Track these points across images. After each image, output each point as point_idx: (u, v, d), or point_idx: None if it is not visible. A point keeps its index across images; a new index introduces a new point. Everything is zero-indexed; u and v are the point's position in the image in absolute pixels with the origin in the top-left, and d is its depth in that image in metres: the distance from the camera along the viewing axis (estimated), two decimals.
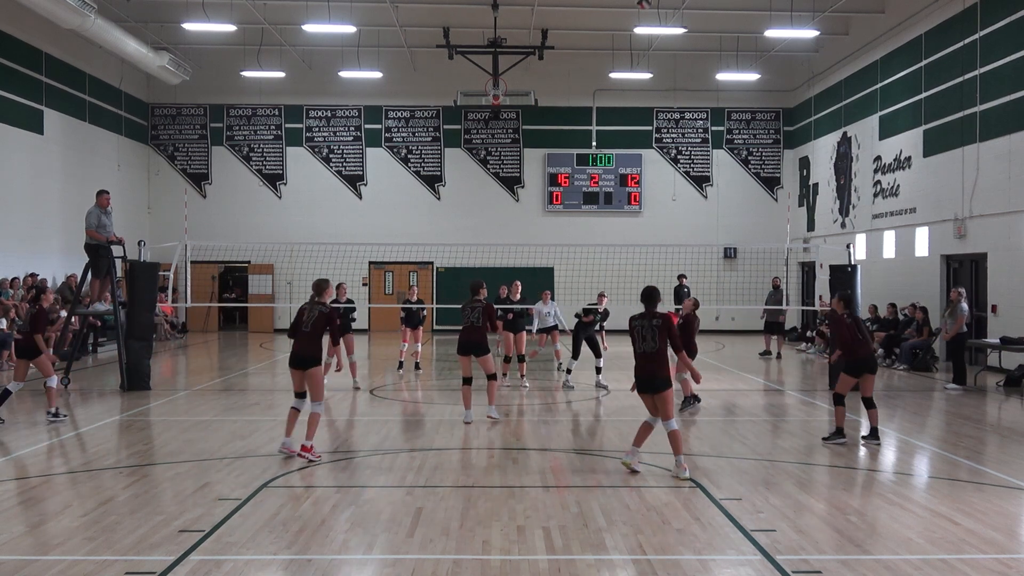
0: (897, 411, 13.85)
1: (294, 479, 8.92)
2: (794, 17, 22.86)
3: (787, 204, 30.48)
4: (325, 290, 10.09)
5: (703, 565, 6.38)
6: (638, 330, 9.09)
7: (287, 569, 6.27)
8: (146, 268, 16.01)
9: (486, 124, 30.97)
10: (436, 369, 19.97)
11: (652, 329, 9.00)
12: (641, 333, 9.07)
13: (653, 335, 8.99)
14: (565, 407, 14.02)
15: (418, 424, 12.35)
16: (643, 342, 9.06)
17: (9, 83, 22.06)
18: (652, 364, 8.99)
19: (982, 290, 19.44)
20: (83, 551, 6.58)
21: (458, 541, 6.87)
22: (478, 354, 12.14)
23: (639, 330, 9.09)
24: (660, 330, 8.98)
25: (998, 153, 18.58)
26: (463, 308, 12.40)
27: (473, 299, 12.40)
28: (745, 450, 10.50)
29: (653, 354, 8.99)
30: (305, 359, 9.79)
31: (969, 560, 6.52)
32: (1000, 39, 18.62)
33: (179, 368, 20.35)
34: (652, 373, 8.99)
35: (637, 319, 9.14)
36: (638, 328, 9.09)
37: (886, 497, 8.35)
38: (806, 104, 29.94)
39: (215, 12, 23.18)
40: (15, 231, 22.30)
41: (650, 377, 9.01)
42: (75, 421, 12.53)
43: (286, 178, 30.89)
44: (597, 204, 30.82)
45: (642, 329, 9.07)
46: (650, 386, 9.03)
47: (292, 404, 10.06)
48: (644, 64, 28.57)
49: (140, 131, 30.10)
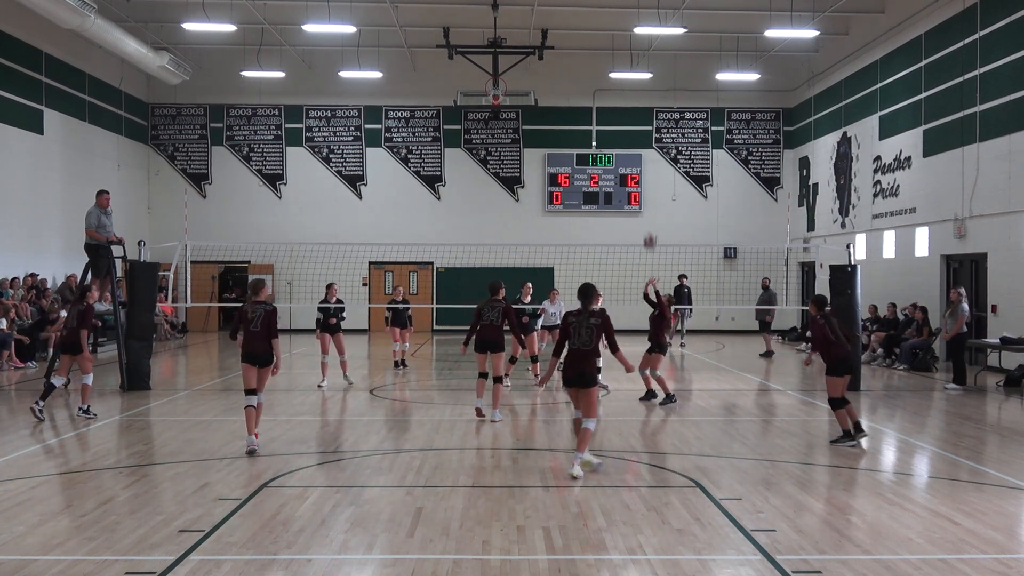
0: (897, 411, 13.86)
1: (294, 479, 8.92)
2: (794, 17, 22.86)
3: (787, 204, 30.50)
4: (261, 289, 10.49)
5: (703, 565, 6.38)
6: (574, 326, 9.26)
7: (287, 569, 6.27)
8: (146, 268, 16.01)
9: (486, 124, 30.97)
10: (436, 369, 19.97)
11: (589, 327, 9.18)
12: (576, 330, 9.23)
13: (589, 333, 9.17)
14: (565, 407, 14.01)
15: (418, 424, 12.35)
16: (577, 338, 9.21)
17: (9, 83, 22.06)
18: (583, 361, 9.16)
19: (982, 290, 19.44)
20: (83, 551, 6.58)
21: (458, 541, 6.87)
22: (494, 351, 12.46)
23: (575, 327, 9.26)
24: (597, 328, 9.19)
25: (998, 153, 18.58)
26: (482, 308, 12.56)
27: (492, 299, 12.58)
28: (745, 450, 10.50)
29: (586, 351, 9.17)
30: (259, 356, 10.15)
31: (969, 560, 6.52)
32: (1000, 39, 18.61)
33: (179, 368, 20.35)
34: (581, 370, 9.16)
35: (574, 315, 9.33)
36: (574, 325, 9.26)
37: (886, 497, 8.35)
38: (806, 104, 29.95)
39: (215, 12, 23.18)
40: (15, 231, 22.30)
41: (579, 373, 9.17)
42: (75, 421, 12.54)
43: (286, 178, 30.90)
44: (597, 204, 30.82)
45: (578, 326, 9.23)
46: (579, 381, 9.18)
47: (247, 403, 10.23)
48: (644, 64, 28.56)
49: (140, 131, 30.10)
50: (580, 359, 9.17)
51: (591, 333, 9.15)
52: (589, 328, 9.16)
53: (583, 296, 9.37)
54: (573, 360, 9.20)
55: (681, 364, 20.78)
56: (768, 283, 24.14)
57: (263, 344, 10.17)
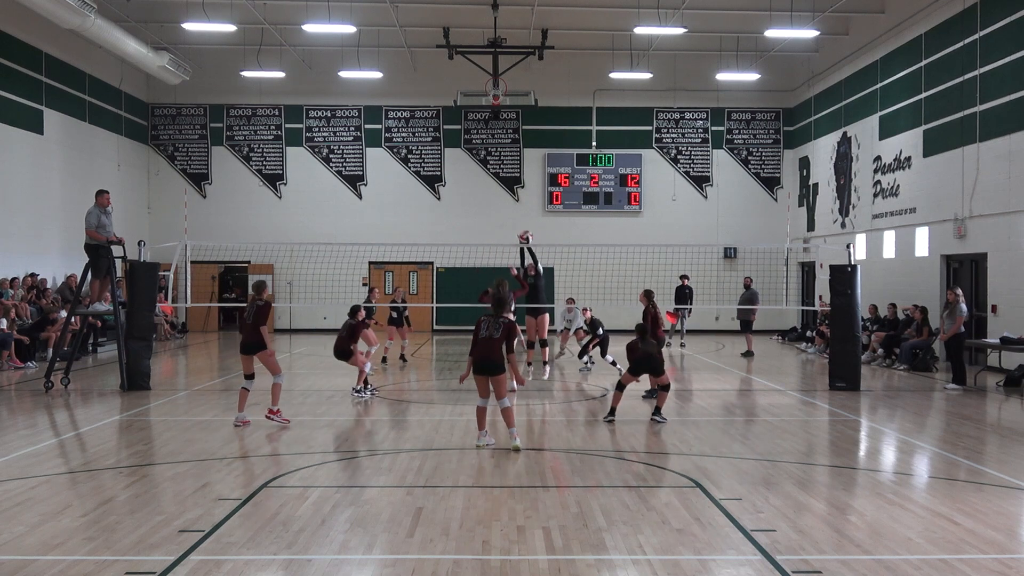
0: (897, 411, 13.86)
1: (294, 479, 8.92)
2: (794, 17, 22.86)
3: (787, 204, 30.51)
4: (263, 290, 12.08)
5: (703, 565, 6.38)
6: (485, 323, 10.46)
7: (287, 569, 6.27)
8: (146, 268, 16.01)
9: (486, 124, 30.97)
10: (436, 369, 19.97)
11: (498, 325, 10.44)
12: (487, 324, 10.45)
13: (497, 328, 10.39)
14: (565, 407, 14.01)
15: (418, 424, 12.34)
16: (487, 330, 10.41)
17: (9, 83, 22.06)
18: (490, 350, 10.32)
19: (982, 290, 19.44)
20: (83, 551, 6.58)
21: (458, 541, 6.87)
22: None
23: (485, 323, 10.46)
24: (503, 328, 10.41)
25: (998, 153, 18.58)
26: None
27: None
28: (745, 450, 10.50)
29: (493, 341, 10.32)
30: (249, 345, 11.79)
31: (969, 560, 6.52)
32: (1000, 39, 18.62)
33: (179, 368, 20.35)
34: (490, 358, 10.32)
35: (486, 317, 10.57)
36: (485, 322, 10.48)
37: (886, 497, 8.35)
38: (806, 104, 29.95)
39: (215, 12, 23.18)
40: (15, 231, 22.30)
41: (487, 360, 10.32)
42: (75, 421, 12.53)
43: (286, 178, 30.90)
44: (597, 204, 30.82)
45: (488, 323, 10.46)
46: (488, 369, 10.32)
47: (243, 385, 11.99)
48: (644, 64, 28.57)
49: (140, 131, 30.10)
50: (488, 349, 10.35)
51: (499, 329, 10.38)
52: (498, 326, 10.40)
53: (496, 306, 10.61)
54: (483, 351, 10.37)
55: (681, 364, 20.78)
56: (750, 283, 24.08)
57: (252, 335, 11.73)
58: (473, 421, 12.31)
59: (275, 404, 11.94)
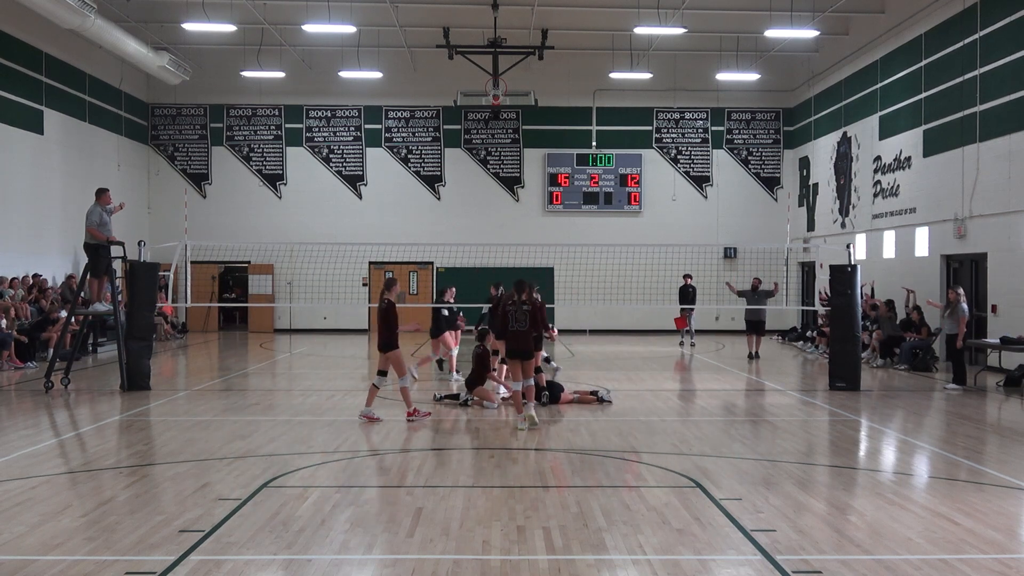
0: (897, 411, 13.86)
1: (294, 479, 8.92)
2: (794, 17, 22.86)
3: (787, 204, 30.50)
4: (391, 287, 12.26)
5: (703, 565, 6.38)
6: (512, 313, 11.97)
7: (287, 569, 6.27)
8: (146, 268, 16.01)
9: (486, 124, 30.97)
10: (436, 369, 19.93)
11: (524, 314, 11.93)
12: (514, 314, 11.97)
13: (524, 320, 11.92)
14: (565, 406, 14.00)
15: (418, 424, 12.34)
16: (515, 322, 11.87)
17: (9, 83, 22.05)
18: (524, 340, 11.88)
19: (982, 290, 19.44)
20: (83, 551, 6.58)
21: (458, 541, 6.87)
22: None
23: (512, 312, 11.97)
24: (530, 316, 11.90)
25: (998, 153, 18.58)
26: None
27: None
28: (745, 450, 10.50)
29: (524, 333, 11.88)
30: (379, 344, 12.25)
31: (969, 560, 6.52)
32: (1000, 39, 18.61)
33: (179, 368, 20.35)
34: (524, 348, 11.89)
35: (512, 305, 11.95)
36: (512, 311, 11.97)
37: (886, 497, 8.35)
38: (806, 104, 29.95)
39: (215, 12, 23.18)
40: (15, 231, 22.29)
41: (522, 349, 11.87)
42: (75, 421, 12.53)
43: (286, 178, 30.90)
44: (597, 204, 30.82)
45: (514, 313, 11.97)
46: (522, 355, 11.89)
47: (373, 381, 12.49)
48: (644, 64, 28.57)
49: (140, 131, 30.10)
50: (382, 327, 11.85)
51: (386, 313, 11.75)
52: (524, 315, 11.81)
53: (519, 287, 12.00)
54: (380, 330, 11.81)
55: (683, 364, 20.78)
56: (759, 284, 23.53)
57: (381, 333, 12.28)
58: (474, 420, 12.35)
59: (409, 406, 12.30)
